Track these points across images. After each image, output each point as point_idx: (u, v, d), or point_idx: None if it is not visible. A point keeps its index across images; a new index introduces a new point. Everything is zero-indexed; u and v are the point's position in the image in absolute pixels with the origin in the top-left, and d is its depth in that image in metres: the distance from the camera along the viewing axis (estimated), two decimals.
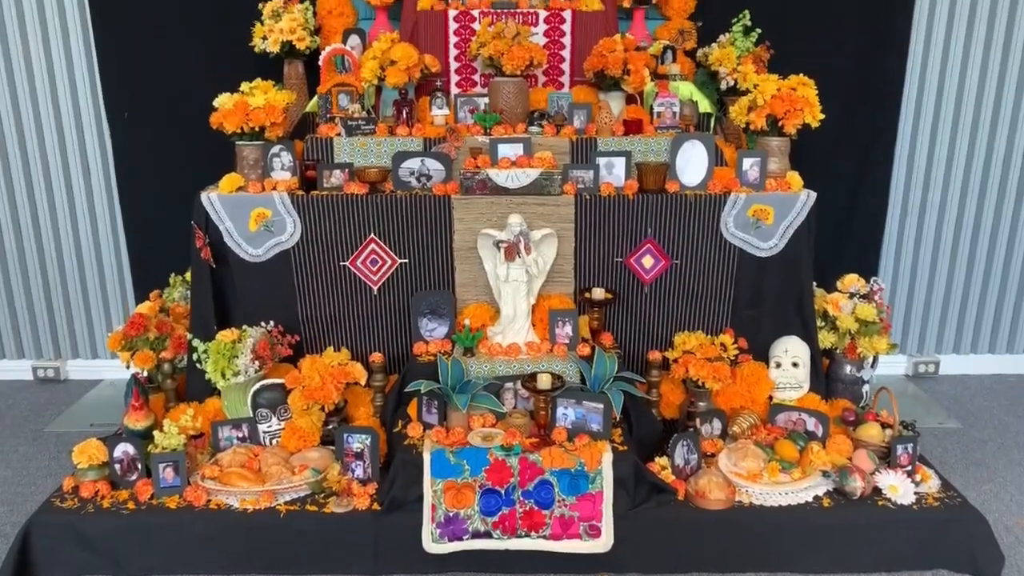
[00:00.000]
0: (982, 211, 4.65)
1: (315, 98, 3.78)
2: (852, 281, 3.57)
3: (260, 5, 4.03)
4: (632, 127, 3.60)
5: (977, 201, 4.63)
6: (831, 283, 3.71)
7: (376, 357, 3.27)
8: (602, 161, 3.46)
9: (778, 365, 3.38)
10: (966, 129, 4.54)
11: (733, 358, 3.30)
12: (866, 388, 3.52)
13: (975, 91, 4.49)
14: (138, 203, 4.48)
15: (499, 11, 3.87)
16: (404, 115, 3.63)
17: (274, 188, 3.36)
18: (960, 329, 4.83)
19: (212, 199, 3.32)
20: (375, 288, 3.41)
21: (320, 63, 3.84)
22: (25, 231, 4.60)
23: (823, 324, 3.54)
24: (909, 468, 2.95)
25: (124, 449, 2.92)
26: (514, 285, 3.19)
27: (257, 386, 3.13)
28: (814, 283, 3.60)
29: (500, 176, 3.32)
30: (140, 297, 4.40)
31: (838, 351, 3.52)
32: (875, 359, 3.56)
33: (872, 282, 3.55)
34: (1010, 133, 4.53)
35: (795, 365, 3.36)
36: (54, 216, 4.58)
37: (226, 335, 3.15)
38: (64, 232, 4.61)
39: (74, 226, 4.60)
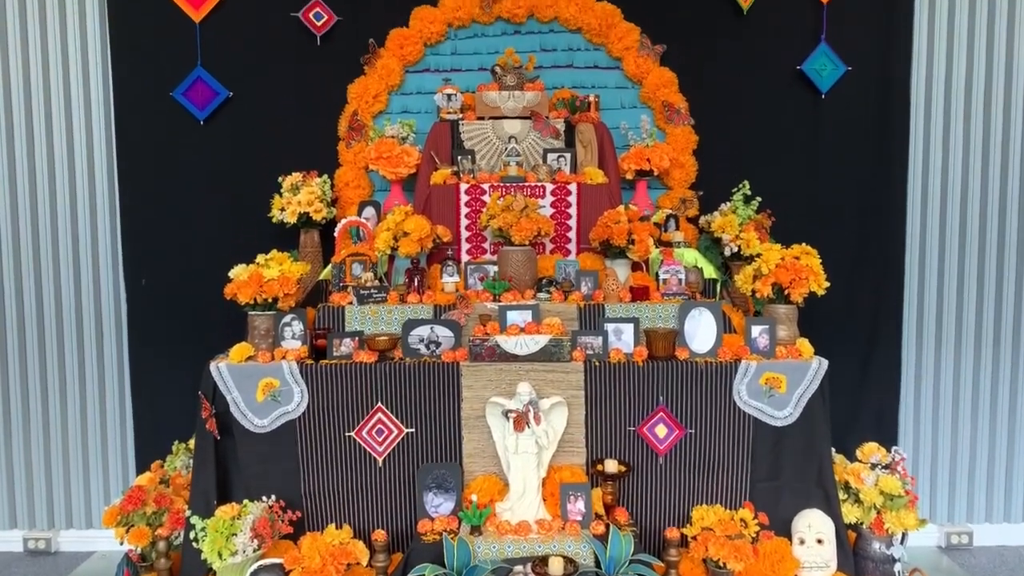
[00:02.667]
0: (999, 369, 4.59)
1: (329, 266, 3.88)
2: (872, 451, 3.46)
3: (280, 178, 4.25)
4: (639, 294, 3.65)
5: (992, 360, 4.59)
6: (850, 450, 3.60)
7: (379, 535, 3.13)
8: (610, 327, 3.47)
9: (802, 542, 3.20)
10: (972, 285, 4.58)
11: (754, 535, 3.14)
12: (898, 567, 3.31)
13: (976, 252, 4.58)
14: (148, 370, 4.50)
15: (508, 184, 4.04)
16: (415, 283, 3.70)
17: (284, 357, 3.37)
18: (990, 495, 4.62)
19: (221, 369, 3.32)
20: (380, 459, 3.32)
21: (336, 234, 3.97)
22: (32, 392, 4.59)
23: (846, 496, 3.39)
24: None
25: None
26: (524, 457, 3.10)
27: (255, 567, 2.98)
28: (833, 451, 3.49)
29: (509, 343, 3.32)
30: (142, 464, 4.32)
31: (864, 526, 3.34)
32: (904, 534, 3.38)
33: (893, 452, 3.44)
34: (1016, 291, 4.56)
35: (820, 542, 3.19)
36: (63, 378, 4.60)
37: (225, 511, 3.04)
38: (72, 396, 4.60)
39: (82, 390, 4.60)
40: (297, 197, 4.12)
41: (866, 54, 4.46)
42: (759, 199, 4.19)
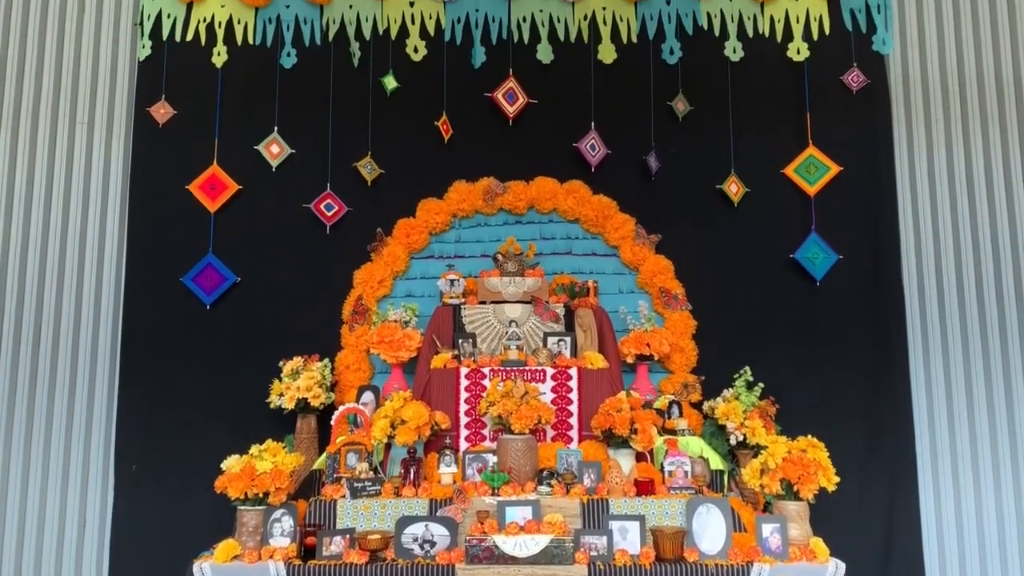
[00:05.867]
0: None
1: (324, 455, 3.78)
2: None
3: (281, 363, 4.25)
4: (644, 487, 3.52)
5: (1019, 549, 4.35)
6: None
7: None
8: (615, 525, 3.31)
9: None
10: (988, 468, 4.45)
11: None
12: None
13: (988, 431, 4.48)
14: (128, 567, 4.26)
15: (508, 368, 4.02)
16: (411, 475, 3.59)
17: (271, 557, 3.19)
18: None
19: (204, 570, 3.14)
20: None
21: (333, 421, 3.91)
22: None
23: None
24: None
25: None
26: None
27: None
28: None
29: (508, 543, 3.16)
30: None
31: None
32: None
33: None
34: None
35: None
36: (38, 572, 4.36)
37: None
38: None
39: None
40: (296, 383, 4.10)
41: (856, 242, 4.61)
42: (762, 385, 4.16)
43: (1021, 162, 4.78)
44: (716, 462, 3.83)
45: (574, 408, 4.04)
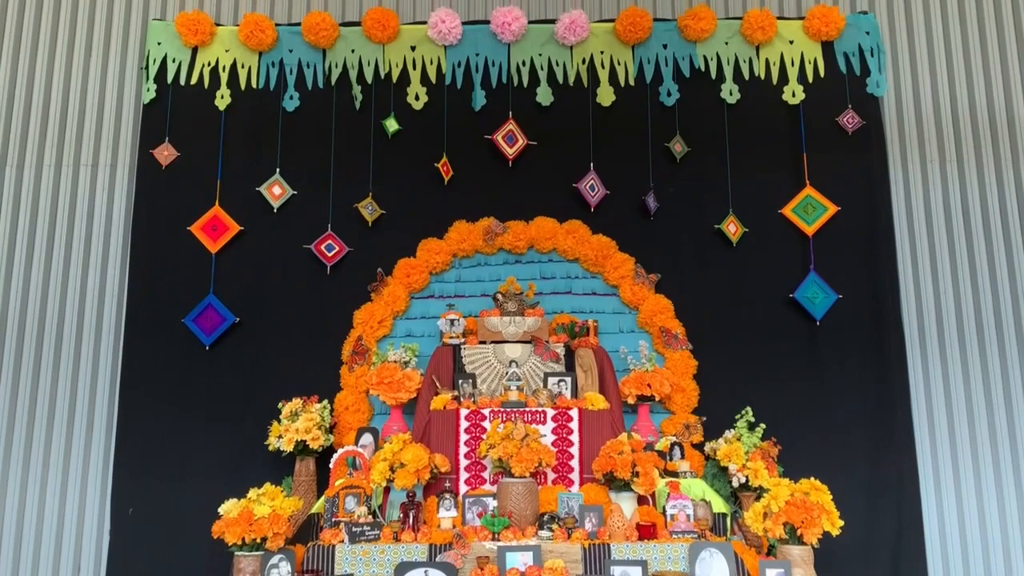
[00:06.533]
0: None
1: (322, 499, 3.75)
2: None
3: (280, 404, 4.22)
4: (646, 532, 3.48)
5: None
6: None
7: None
8: (617, 571, 3.26)
9: None
10: (992, 502, 4.39)
11: None
12: None
13: (992, 465, 4.44)
14: None
15: (508, 410, 4.00)
16: (410, 519, 3.55)
17: None
18: None
19: None
20: None
21: (331, 464, 3.88)
22: None
23: None
24: None
25: None
26: None
27: None
28: None
29: None
30: None
31: None
32: None
33: None
34: None
35: None
36: None
37: None
38: None
39: None
40: (295, 424, 4.07)
41: (855, 282, 4.61)
42: (763, 426, 4.13)
43: (1016, 198, 4.81)
44: (719, 505, 3.79)
45: (575, 450, 4.00)
